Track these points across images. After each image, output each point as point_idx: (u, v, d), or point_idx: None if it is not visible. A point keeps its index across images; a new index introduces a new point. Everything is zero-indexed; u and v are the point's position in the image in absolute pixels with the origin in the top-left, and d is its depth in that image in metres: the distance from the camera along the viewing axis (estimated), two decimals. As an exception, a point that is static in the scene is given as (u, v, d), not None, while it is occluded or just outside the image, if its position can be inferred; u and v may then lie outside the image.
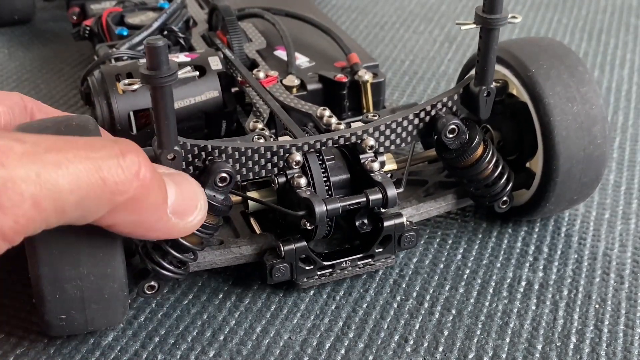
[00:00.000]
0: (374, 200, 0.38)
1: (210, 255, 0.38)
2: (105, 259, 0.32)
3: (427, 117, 0.40)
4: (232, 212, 0.40)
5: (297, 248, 0.38)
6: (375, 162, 0.39)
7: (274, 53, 0.54)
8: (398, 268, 0.42)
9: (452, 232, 0.45)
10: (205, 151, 0.36)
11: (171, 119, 0.33)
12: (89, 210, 0.29)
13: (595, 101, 0.40)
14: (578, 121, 0.39)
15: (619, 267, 0.42)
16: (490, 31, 0.38)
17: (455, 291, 0.40)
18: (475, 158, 0.40)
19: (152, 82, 0.31)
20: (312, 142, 0.38)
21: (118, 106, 0.44)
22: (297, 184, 0.37)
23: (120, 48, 0.49)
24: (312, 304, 0.39)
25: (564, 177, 0.40)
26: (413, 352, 0.37)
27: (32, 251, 0.32)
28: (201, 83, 0.46)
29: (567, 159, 0.39)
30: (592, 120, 0.40)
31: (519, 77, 0.41)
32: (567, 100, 0.39)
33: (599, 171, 0.41)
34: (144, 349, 0.37)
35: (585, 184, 0.41)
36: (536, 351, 0.37)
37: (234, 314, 0.39)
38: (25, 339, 0.37)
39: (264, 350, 0.37)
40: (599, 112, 0.40)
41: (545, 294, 0.40)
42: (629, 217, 0.46)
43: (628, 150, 0.53)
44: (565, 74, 0.40)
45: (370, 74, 0.50)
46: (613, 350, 0.37)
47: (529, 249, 0.43)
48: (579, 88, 0.40)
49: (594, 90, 0.40)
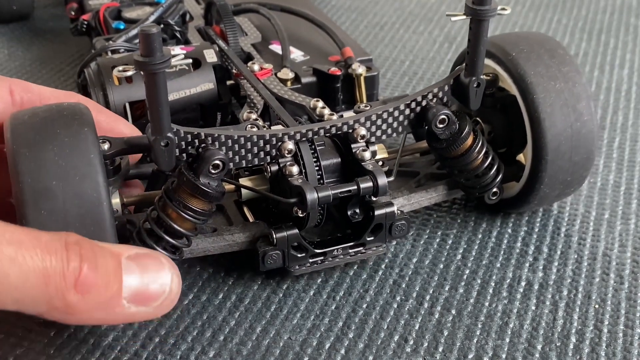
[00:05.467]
0: (364, 188, 0.38)
1: (203, 243, 0.39)
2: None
3: (418, 108, 0.41)
4: (225, 201, 0.41)
5: (289, 235, 0.38)
6: (366, 152, 0.39)
7: (269, 47, 0.54)
8: (398, 268, 0.42)
9: (452, 232, 0.45)
10: (198, 139, 0.36)
11: (164, 106, 0.33)
12: (26, 308, 0.30)
13: (578, 79, 0.41)
14: (562, 98, 0.40)
15: (619, 267, 0.42)
16: (480, 22, 0.38)
17: (455, 291, 0.40)
18: (465, 148, 0.41)
19: (145, 69, 0.31)
20: (304, 131, 0.39)
21: (114, 97, 0.45)
22: (289, 172, 0.38)
23: (117, 41, 0.50)
24: (312, 304, 0.39)
25: (554, 155, 0.40)
26: (413, 352, 0.37)
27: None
28: (196, 75, 0.47)
29: (554, 136, 0.40)
30: (576, 98, 0.41)
31: (501, 63, 0.42)
32: (549, 78, 0.40)
33: (589, 149, 0.41)
34: (144, 349, 0.37)
35: (577, 163, 0.41)
36: (536, 351, 0.37)
37: (234, 314, 0.39)
38: (25, 339, 0.37)
39: (263, 350, 0.37)
40: (583, 90, 0.41)
41: (545, 294, 0.40)
42: (629, 217, 0.46)
43: (628, 150, 0.53)
44: (545, 56, 0.41)
45: (363, 68, 0.50)
46: (613, 351, 0.37)
47: (528, 249, 0.43)
48: (560, 68, 0.41)
49: (575, 70, 0.41)
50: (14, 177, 0.33)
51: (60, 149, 0.33)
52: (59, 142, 0.33)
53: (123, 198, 0.39)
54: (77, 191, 0.32)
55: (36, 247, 0.30)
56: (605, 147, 0.53)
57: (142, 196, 0.41)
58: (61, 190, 0.32)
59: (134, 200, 0.40)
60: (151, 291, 0.32)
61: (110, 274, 0.31)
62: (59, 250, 0.30)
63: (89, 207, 0.33)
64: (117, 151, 0.36)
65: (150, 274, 0.32)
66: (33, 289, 0.29)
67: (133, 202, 0.40)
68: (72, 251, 0.30)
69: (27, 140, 0.33)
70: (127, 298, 0.32)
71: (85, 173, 0.33)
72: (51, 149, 0.33)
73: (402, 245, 0.43)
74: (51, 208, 0.32)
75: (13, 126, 0.34)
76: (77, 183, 0.32)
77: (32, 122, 0.34)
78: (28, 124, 0.34)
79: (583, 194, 0.48)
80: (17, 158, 0.32)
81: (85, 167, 0.33)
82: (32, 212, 0.32)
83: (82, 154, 0.33)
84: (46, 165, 0.32)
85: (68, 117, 0.34)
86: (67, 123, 0.34)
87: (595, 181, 0.49)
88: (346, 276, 0.41)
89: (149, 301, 0.32)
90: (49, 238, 0.30)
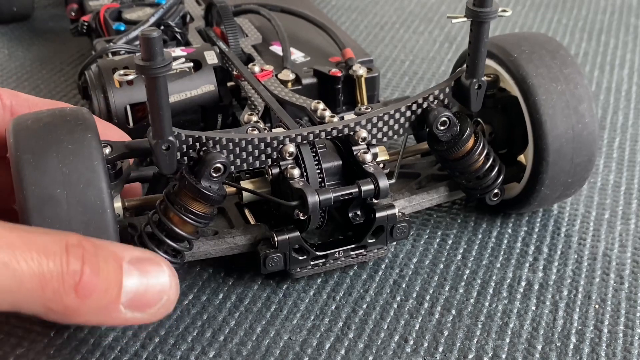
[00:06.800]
0: (366, 191, 0.38)
1: (204, 246, 0.39)
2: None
3: (419, 110, 0.41)
4: (226, 203, 0.41)
5: (290, 238, 0.38)
6: (367, 154, 0.39)
7: (269, 48, 0.54)
8: (398, 268, 0.42)
9: (452, 232, 0.45)
10: (199, 142, 0.36)
11: (165, 110, 0.33)
12: (23, 309, 0.30)
13: (580, 81, 0.41)
14: (563, 100, 0.40)
15: (619, 267, 0.42)
16: (481, 24, 0.38)
17: (455, 291, 0.40)
18: (466, 150, 0.41)
19: (146, 73, 0.31)
20: (305, 134, 0.39)
21: (115, 100, 0.45)
22: (290, 175, 0.38)
23: (117, 42, 0.50)
24: (312, 304, 0.39)
25: (555, 156, 0.40)
26: (413, 352, 0.37)
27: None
28: (197, 77, 0.47)
29: (555, 137, 0.40)
30: (578, 99, 0.41)
31: (502, 64, 0.42)
32: (550, 80, 0.40)
33: (590, 151, 0.41)
34: (144, 349, 0.37)
35: (578, 165, 0.41)
36: (536, 351, 0.37)
37: (234, 315, 0.39)
38: (25, 339, 0.37)
39: (263, 350, 0.37)
40: (584, 91, 0.41)
41: (545, 294, 0.40)
42: (629, 217, 0.46)
43: (628, 150, 0.53)
44: (547, 57, 0.41)
45: (364, 69, 0.50)
46: (613, 351, 0.37)
47: (528, 249, 0.43)
48: (562, 69, 0.41)
49: (577, 71, 0.41)
50: (17, 184, 0.32)
51: (64, 155, 0.33)
52: (63, 148, 0.33)
53: (124, 202, 0.39)
54: (81, 198, 0.32)
55: (32, 249, 0.29)
56: (605, 147, 0.53)
57: (144, 200, 0.41)
58: (65, 198, 0.32)
59: (135, 204, 0.40)
60: (149, 298, 0.32)
61: (111, 279, 0.31)
62: (58, 252, 0.30)
63: (92, 215, 0.33)
64: (119, 155, 0.36)
65: (150, 281, 0.32)
66: (28, 292, 0.29)
67: (134, 205, 0.40)
68: (73, 254, 0.30)
69: (31, 147, 0.33)
70: (125, 303, 0.31)
71: (89, 180, 0.33)
72: (55, 156, 0.33)
73: (402, 246, 0.43)
74: (55, 215, 0.32)
75: (16, 131, 0.33)
76: (81, 190, 0.32)
77: (35, 127, 0.34)
78: (31, 129, 0.33)
79: (583, 194, 0.48)
80: (21, 165, 0.32)
81: (89, 174, 0.33)
82: (36, 219, 0.32)
83: (85, 161, 0.33)
84: (50, 173, 0.32)
85: (71, 122, 0.34)
86: (70, 129, 0.34)
87: (596, 181, 0.49)
88: (346, 276, 0.41)
89: (146, 308, 0.32)
90: (47, 239, 0.30)
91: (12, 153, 0.33)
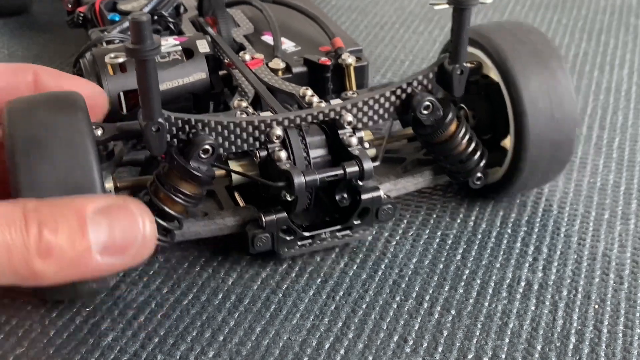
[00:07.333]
0: (350, 173, 0.39)
1: (194, 226, 0.40)
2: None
3: (404, 95, 0.42)
4: (216, 186, 0.43)
5: (277, 219, 0.39)
6: (353, 137, 0.40)
7: (261, 38, 0.55)
8: (398, 268, 0.42)
9: (451, 232, 0.45)
10: (189, 124, 0.37)
11: (155, 92, 0.34)
12: None
13: (560, 68, 0.42)
14: (543, 86, 0.41)
15: (619, 267, 0.42)
16: (462, 11, 0.39)
17: (454, 291, 0.40)
18: (449, 134, 0.42)
19: (136, 56, 0.32)
20: (293, 117, 0.40)
21: (109, 87, 0.46)
22: (277, 158, 0.39)
23: (112, 32, 0.52)
24: (312, 304, 0.39)
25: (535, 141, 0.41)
26: (412, 352, 0.37)
27: None
28: (189, 65, 0.48)
29: (535, 122, 0.41)
30: (558, 86, 0.42)
31: (485, 51, 0.43)
32: (531, 66, 0.42)
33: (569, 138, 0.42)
34: (144, 349, 0.37)
35: (558, 149, 0.42)
36: (535, 351, 0.37)
37: (233, 315, 0.39)
38: (26, 339, 0.37)
39: (263, 350, 0.37)
40: (564, 78, 0.42)
41: (545, 294, 0.40)
42: (629, 217, 0.46)
43: (628, 150, 0.53)
44: (529, 45, 0.43)
45: (353, 58, 0.51)
46: (612, 351, 0.37)
47: (528, 250, 0.43)
48: (542, 57, 0.42)
49: (558, 59, 0.43)
50: (11, 168, 0.33)
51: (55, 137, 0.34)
52: (55, 130, 0.34)
53: (117, 182, 0.40)
54: (71, 179, 0.33)
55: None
56: (605, 147, 0.53)
57: (136, 181, 0.41)
58: (56, 179, 0.33)
59: (127, 185, 0.41)
60: (123, 240, 0.32)
61: (75, 232, 0.31)
62: (17, 220, 0.30)
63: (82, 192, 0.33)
64: (110, 137, 0.38)
65: (120, 224, 0.32)
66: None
67: (126, 186, 0.41)
68: (31, 218, 0.30)
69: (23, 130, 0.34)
70: (100, 251, 0.31)
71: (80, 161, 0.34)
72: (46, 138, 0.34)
73: (402, 245, 0.43)
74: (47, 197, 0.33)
75: (10, 115, 0.35)
76: (72, 171, 0.33)
77: (28, 110, 0.35)
78: (24, 112, 0.35)
79: (583, 194, 0.48)
80: (14, 148, 0.33)
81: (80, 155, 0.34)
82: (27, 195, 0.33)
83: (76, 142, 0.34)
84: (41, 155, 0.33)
85: (63, 105, 0.35)
86: (62, 111, 0.35)
87: (595, 181, 0.49)
88: (346, 276, 0.41)
89: (124, 250, 0.32)
90: (6, 209, 0.30)
91: (6, 137, 0.34)
